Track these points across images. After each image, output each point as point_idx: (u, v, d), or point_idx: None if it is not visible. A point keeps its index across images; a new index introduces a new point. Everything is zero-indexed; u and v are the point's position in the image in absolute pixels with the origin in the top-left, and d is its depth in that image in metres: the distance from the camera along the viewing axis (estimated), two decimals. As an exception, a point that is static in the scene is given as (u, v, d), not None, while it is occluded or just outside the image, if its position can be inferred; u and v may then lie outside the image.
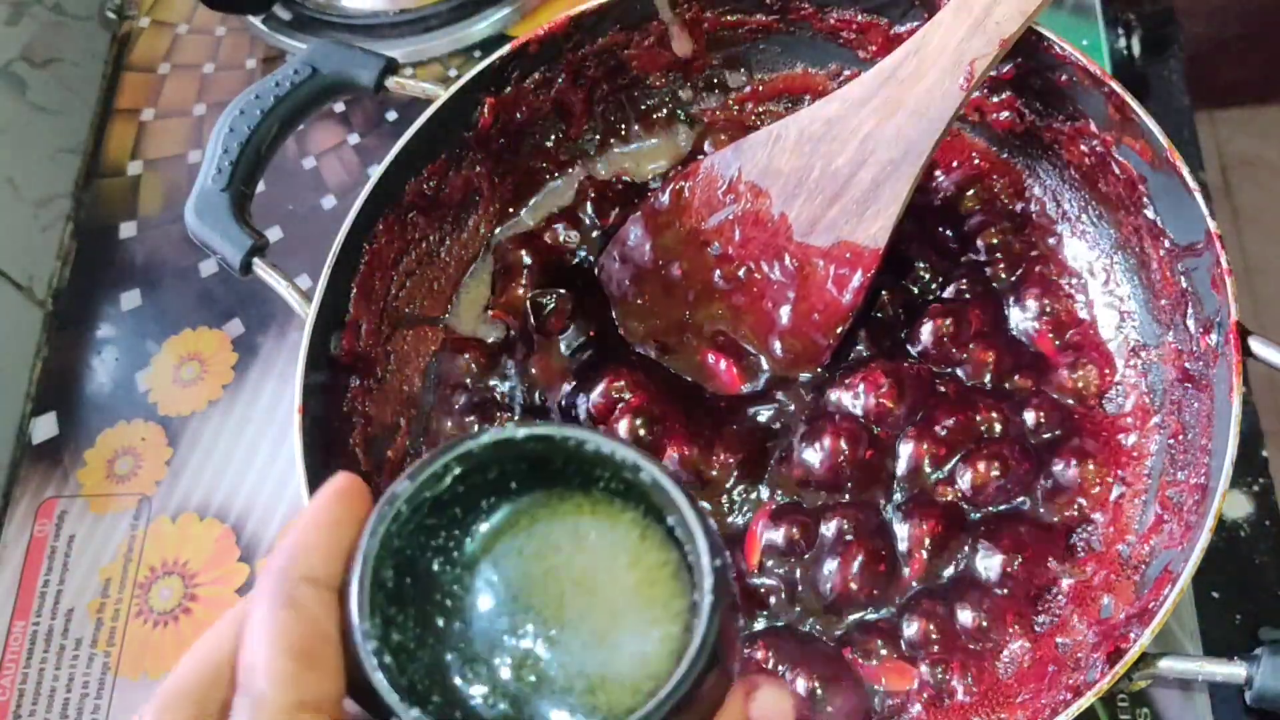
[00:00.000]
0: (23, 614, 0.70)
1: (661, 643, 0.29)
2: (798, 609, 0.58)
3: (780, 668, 0.55)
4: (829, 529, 0.58)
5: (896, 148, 0.57)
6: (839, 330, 0.61)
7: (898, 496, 0.59)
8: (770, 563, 0.58)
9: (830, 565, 0.57)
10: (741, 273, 0.63)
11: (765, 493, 0.60)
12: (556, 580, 0.30)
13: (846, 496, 0.59)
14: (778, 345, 0.63)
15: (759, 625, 0.58)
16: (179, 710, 0.29)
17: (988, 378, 0.62)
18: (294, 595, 0.28)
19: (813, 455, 0.59)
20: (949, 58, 0.55)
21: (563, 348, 0.65)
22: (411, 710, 0.26)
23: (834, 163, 0.59)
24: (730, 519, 0.60)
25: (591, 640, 0.30)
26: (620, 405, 0.61)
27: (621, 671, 0.29)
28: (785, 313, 0.62)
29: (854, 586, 0.57)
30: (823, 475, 0.59)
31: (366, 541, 0.28)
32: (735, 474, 0.60)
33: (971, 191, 0.67)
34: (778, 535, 0.58)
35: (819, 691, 0.55)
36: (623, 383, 0.62)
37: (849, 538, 0.57)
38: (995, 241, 0.65)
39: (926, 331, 0.62)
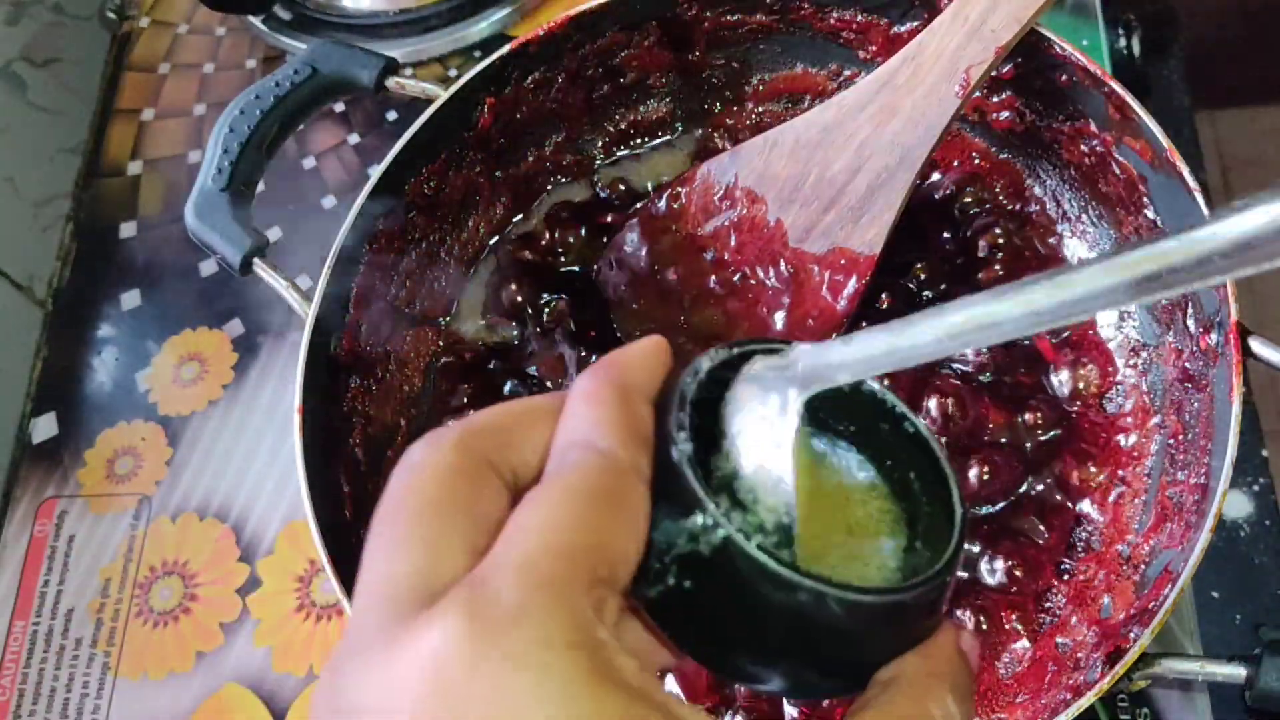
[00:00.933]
0: (23, 614, 0.70)
1: (878, 572, 0.32)
2: None
3: None
4: None
5: (892, 154, 0.57)
6: (834, 337, 0.61)
7: None
8: None
9: None
10: (737, 279, 0.63)
11: None
12: (798, 494, 0.32)
13: None
14: None
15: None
16: (487, 438, 0.29)
17: (986, 376, 0.62)
18: (628, 394, 0.30)
19: None
20: (945, 64, 0.55)
21: (564, 349, 0.65)
22: (720, 502, 0.28)
23: (830, 169, 0.59)
24: None
25: (821, 546, 0.32)
26: None
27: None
28: (780, 319, 0.62)
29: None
30: None
31: (689, 379, 0.31)
32: None
33: (971, 191, 0.67)
34: None
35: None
36: None
37: None
38: (996, 242, 0.65)
39: None
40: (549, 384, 0.65)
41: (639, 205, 0.67)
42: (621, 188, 0.70)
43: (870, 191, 0.58)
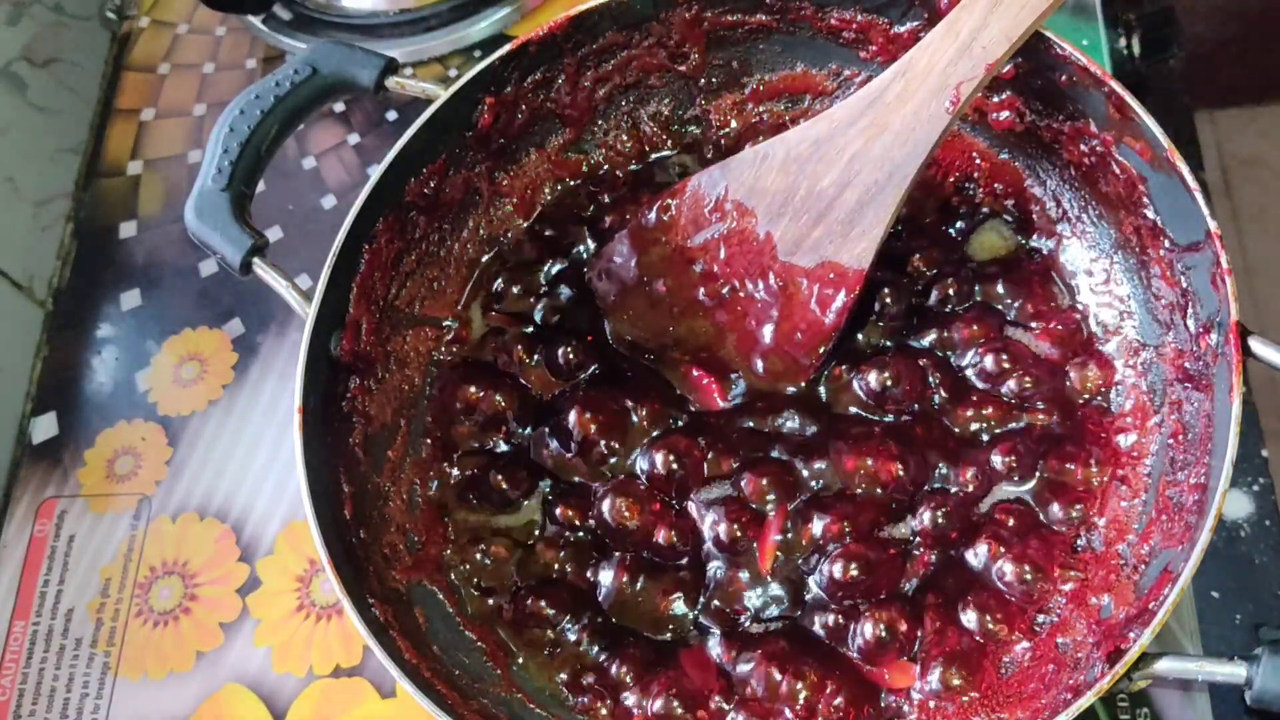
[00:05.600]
0: (23, 614, 0.70)
1: None
2: (800, 610, 0.58)
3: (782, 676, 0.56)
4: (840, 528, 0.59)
5: (882, 170, 0.57)
6: (821, 350, 0.61)
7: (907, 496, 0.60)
8: (782, 563, 0.59)
9: (834, 566, 0.58)
10: (725, 291, 0.63)
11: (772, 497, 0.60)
12: None
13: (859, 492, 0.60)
14: (760, 364, 0.63)
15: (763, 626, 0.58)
16: None
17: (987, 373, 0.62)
18: None
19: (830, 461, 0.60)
20: (935, 81, 0.55)
21: (564, 351, 0.66)
22: None
23: (820, 183, 0.59)
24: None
25: None
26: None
27: None
28: (768, 331, 0.62)
29: (855, 577, 0.57)
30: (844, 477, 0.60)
31: None
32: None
33: (972, 192, 0.67)
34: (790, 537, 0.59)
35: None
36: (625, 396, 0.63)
37: (855, 536, 0.58)
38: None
39: (929, 335, 0.63)
40: (543, 388, 0.65)
41: (627, 217, 0.67)
42: (626, 182, 0.71)
43: (860, 206, 0.58)
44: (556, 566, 0.61)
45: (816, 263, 0.60)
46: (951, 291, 0.64)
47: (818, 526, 0.58)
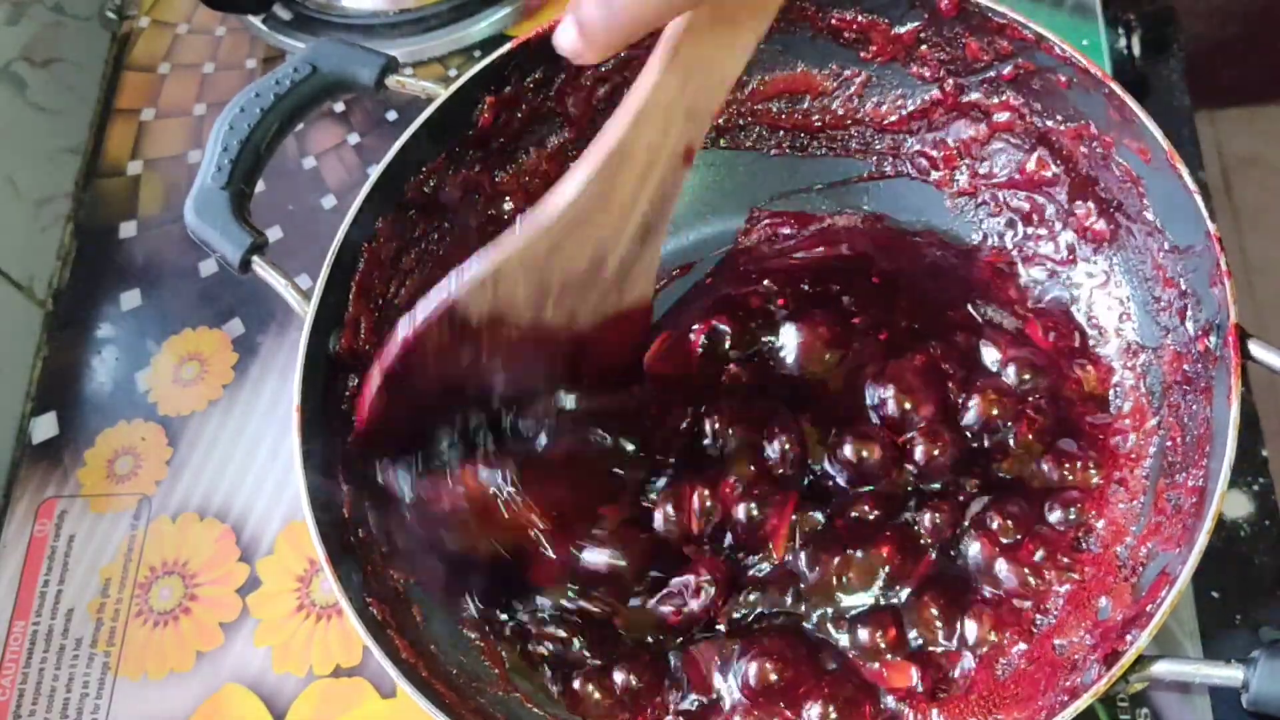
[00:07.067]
0: (23, 614, 0.70)
1: None
2: (803, 604, 0.58)
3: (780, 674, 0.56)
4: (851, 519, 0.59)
5: (636, 234, 0.53)
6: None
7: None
8: (795, 553, 0.59)
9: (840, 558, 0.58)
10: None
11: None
12: None
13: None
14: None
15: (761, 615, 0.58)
16: None
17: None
18: None
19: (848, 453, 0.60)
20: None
21: None
22: None
23: (576, 267, 0.53)
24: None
25: None
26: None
27: None
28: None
29: (851, 578, 0.58)
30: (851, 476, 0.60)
31: None
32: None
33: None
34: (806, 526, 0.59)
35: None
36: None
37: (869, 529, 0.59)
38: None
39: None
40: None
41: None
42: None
43: (626, 266, 0.54)
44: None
45: (599, 321, 0.56)
46: None
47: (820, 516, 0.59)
